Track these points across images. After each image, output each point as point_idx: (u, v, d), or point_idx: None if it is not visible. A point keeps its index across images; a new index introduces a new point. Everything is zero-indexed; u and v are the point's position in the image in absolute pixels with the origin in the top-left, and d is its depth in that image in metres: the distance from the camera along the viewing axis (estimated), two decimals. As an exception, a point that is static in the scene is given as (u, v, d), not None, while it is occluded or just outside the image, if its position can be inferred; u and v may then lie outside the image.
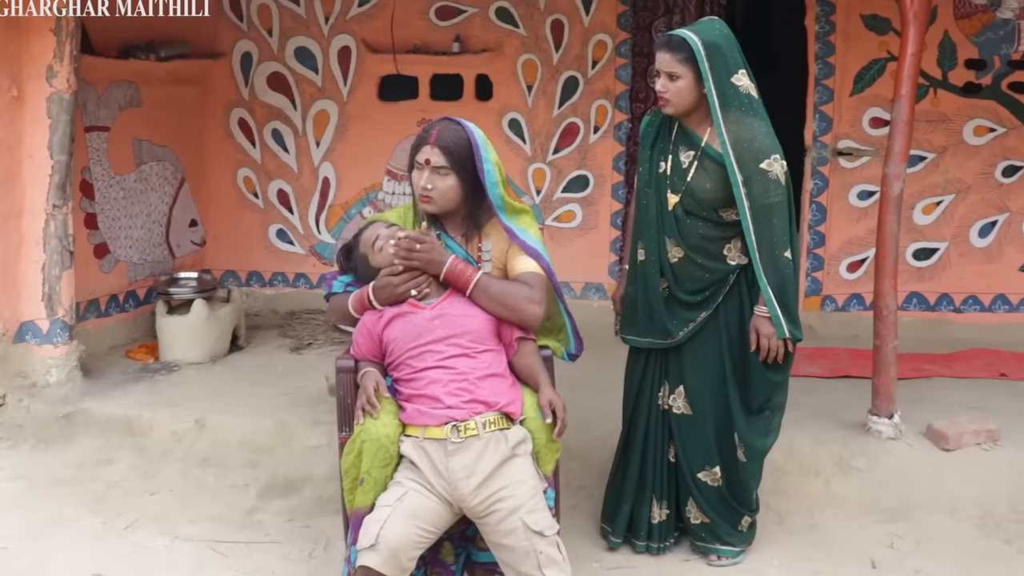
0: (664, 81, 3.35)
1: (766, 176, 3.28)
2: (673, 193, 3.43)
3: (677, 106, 3.36)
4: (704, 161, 3.39)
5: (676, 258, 3.45)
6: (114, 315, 5.71)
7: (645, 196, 3.50)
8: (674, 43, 3.32)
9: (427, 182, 3.14)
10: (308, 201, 6.54)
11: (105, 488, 4.18)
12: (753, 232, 3.30)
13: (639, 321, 3.56)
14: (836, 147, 6.02)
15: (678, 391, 3.54)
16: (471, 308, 3.08)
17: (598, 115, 6.23)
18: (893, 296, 4.22)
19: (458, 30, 6.26)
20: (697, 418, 3.51)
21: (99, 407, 4.68)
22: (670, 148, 3.46)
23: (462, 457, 2.90)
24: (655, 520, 3.61)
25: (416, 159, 3.17)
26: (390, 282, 3.08)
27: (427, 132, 3.16)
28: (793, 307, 3.38)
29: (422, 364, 3.01)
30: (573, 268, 6.08)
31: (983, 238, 6.07)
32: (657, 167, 3.47)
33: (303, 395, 4.88)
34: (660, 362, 3.57)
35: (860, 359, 5.35)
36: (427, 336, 3.03)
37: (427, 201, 3.16)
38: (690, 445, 3.54)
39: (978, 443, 4.19)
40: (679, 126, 3.46)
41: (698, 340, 3.48)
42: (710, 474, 3.54)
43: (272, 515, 3.99)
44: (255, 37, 6.43)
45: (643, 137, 3.57)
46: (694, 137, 3.42)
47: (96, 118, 5.47)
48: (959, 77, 5.93)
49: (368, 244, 3.17)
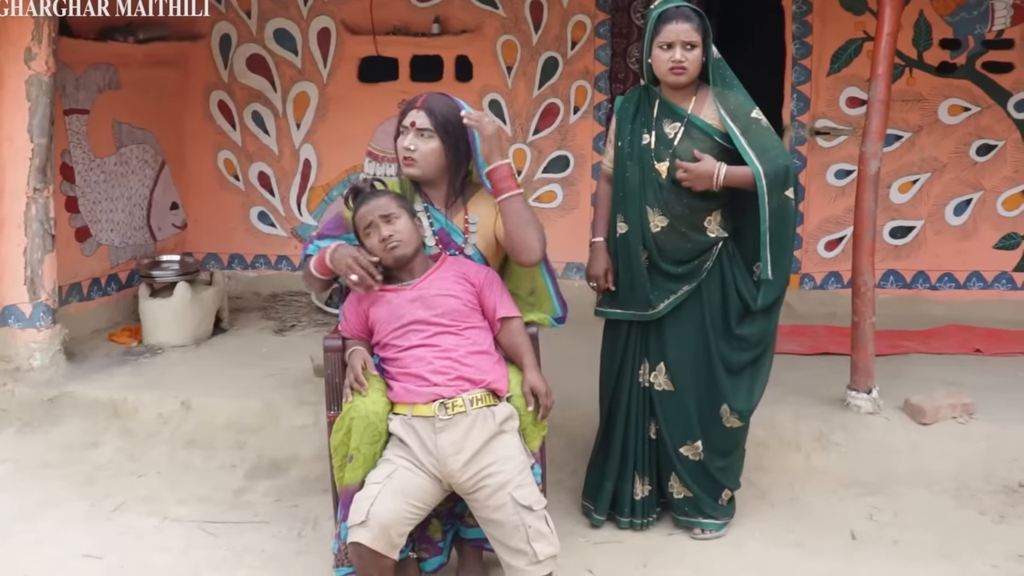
0: (682, 51, 3.35)
1: (759, 123, 3.39)
2: (659, 162, 3.46)
3: (692, 75, 3.39)
4: (691, 130, 3.44)
5: (659, 227, 3.47)
6: (96, 298, 5.70)
7: (627, 169, 3.51)
8: (686, 13, 3.37)
9: (410, 143, 3.14)
10: (289, 183, 6.54)
11: (92, 470, 4.19)
12: (762, 172, 3.32)
13: (619, 294, 3.58)
14: (813, 127, 6.07)
15: (659, 368, 3.57)
16: (450, 286, 3.10)
17: (578, 96, 6.26)
18: (871, 273, 4.28)
19: (438, 11, 6.26)
20: (678, 393, 3.56)
21: (84, 390, 4.68)
22: (653, 122, 3.49)
23: (450, 434, 2.93)
24: (638, 496, 3.66)
25: (403, 123, 3.18)
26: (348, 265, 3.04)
27: (415, 98, 3.21)
28: (787, 253, 3.47)
29: (407, 343, 3.04)
30: (555, 248, 5.86)
31: (958, 216, 6.16)
32: (640, 139, 3.50)
33: (288, 376, 4.89)
34: (640, 338, 3.60)
35: (838, 336, 5.42)
36: (408, 316, 3.06)
37: (409, 164, 3.16)
38: (672, 420, 3.58)
39: (954, 417, 4.26)
40: (660, 101, 3.50)
41: (680, 315, 3.52)
42: (691, 448, 3.59)
43: (260, 495, 4.01)
44: (234, 19, 6.40)
45: (621, 112, 3.58)
46: (678, 109, 3.47)
47: (75, 100, 5.44)
48: (934, 57, 5.99)
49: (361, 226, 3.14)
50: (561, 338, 5.05)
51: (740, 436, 3.65)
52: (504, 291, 3.21)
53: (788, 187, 3.39)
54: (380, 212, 3.07)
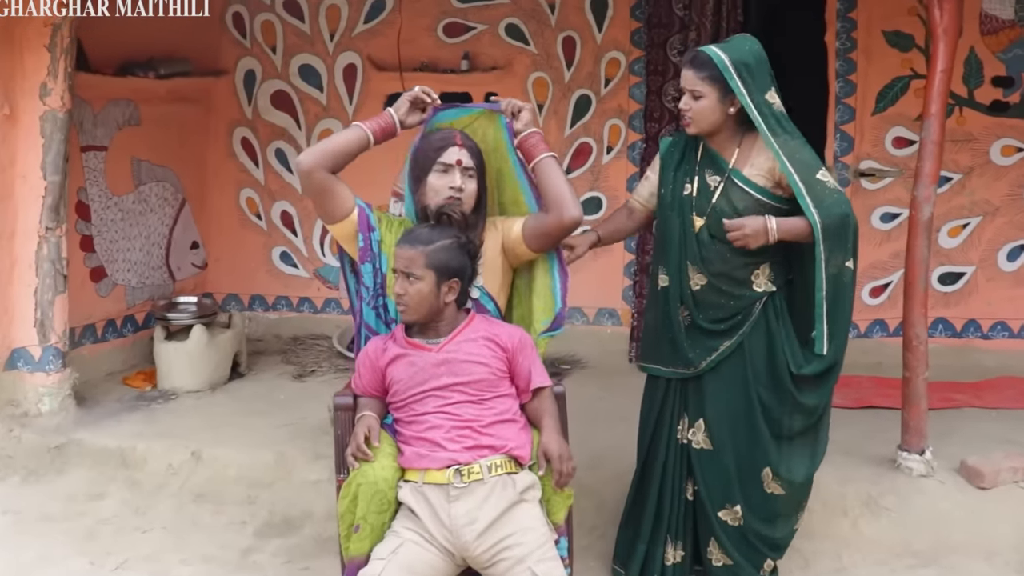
0: (687, 99, 3.22)
1: (825, 185, 3.12)
2: (699, 216, 3.26)
3: (699, 125, 3.22)
4: (730, 186, 3.22)
5: (698, 285, 3.28)
6: (111, 340, 5.53)
7: (668, 220, 3.33)
8: (699, 60, 3.19)
9: (461, 183, 3.02)
10: (312, 223, 6.37)
11: (95, 524, 4.00)
12: (822, 236, 3.08)
13: (660, 349, 3.39)
14: (858, 168, 5.83)
15: (697, 424, 3.34)
16: (479, 351, 2.87)
17: (611, 135, 6.06)
18: (923, 325, 4.03)
19: (467, 47, 6.11)
20: (717, 453, 3.32)
21: (92, 438, 4.50)
22: (696, 170, 3.30)
23: (465, 503, 2.71)
24: (669, 562, 3.41)
25: (441, 160, 3.03)
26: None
27: (447, 134, 3.08)
28: (843, 328, 3.23)
29: (424, 408, 2.83)
30: (586, 293, 5.87)
31: (1012, 262, 5.87)
32: (682, 189, 3.31)
33: (305, 426, 4.69)
34: (680, 394, 3.39)
35: (885, 388, 5.16)
36: (431, 382, 2.84)
37: (457, 203, 3.02)
38: (711, 482, 3.34)
39: (1015, 480, 3.98)
40: (704, 148, 3.30)
41: (721, 371, 3.30)
42: (730, 513, 3.33)
43: (269, 555, 3.79)
44: (258, 54, 6.28)
45: (665, 157, 3.41)
46: (720, 160, 3.26)
47: (93, 137, 5.31)
48: (986, 95, 5.75)
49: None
50: (590, 389, 4.84)
51: (785, 505, 3.36)
52: (537, 356, 2.99)
53: (847, 245, 3.14)
54: (402, 267, 2.88)
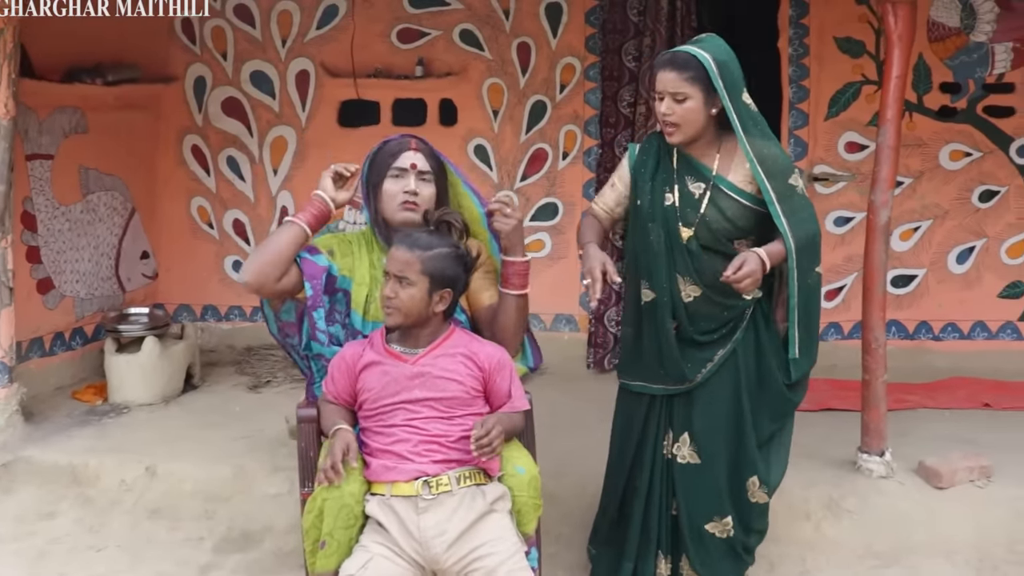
0: (669, 103, 3.04)
1: (795, 192, 3.10)
2: (686, 226, 3.14)
3: (685, 131, 3.07)
4: (716, 193, 3.13)
5: (691, 297, 3.17)
6: (59, 354, 5.40)
7: (649, 231, 3.18)
8: (680, 60, 3.03)
9: (415, 187, 2.94)
10: (265, 231, 6.27)
11: (46, 544, 3.89)
12: (794, 247, 3.06)
13: (647, 366, 3.26)
14: (812, 172, 5.88)
15: (683, 439, 3.25)
16: (456, 367, 2.81)
17: (567, 140, 6.05)
18: (882, 328, 4.05)
19: (421, 53, 6.06)
20: (705, 466, 3.23)
21: (41, 454, 4.38)
22: (675, 178, 3.17)
23: (434, 514, 2.66)
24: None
25: (396, 165, 2.97)
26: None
27: (401, 140, 3.02)
28: (814, 330, 3.22)
29: (392, 420, 2.77)
30: (543, 299, 5.85)
31: (961, 264, 5.97)
32: (662, 199, 3.17)
33: (262, 438, 4.60)
34: (665, 407, 3.29)
35: (841, 390, 5.20)
36: (403, 394, 2.77)
37: (412, 208, 2.95)
38: (697, 496, 3.25)
39: (972, 480, 4.03)
40: (679, 155, 3.18)
41: (712, 382, 3.22)
42: (719, 525, 3.26)
43: (229, 572, 3.72)
44: (209, 61, 6.19)
45: (637, 166, 3.24)
46: (701, 167, 3.15)
47: (38, 145, 5.18)
48: (934, 101, 5.84)
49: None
50: (550, 395, 4.80)
51: (763, 512, 3.33)
52: (516, 377, 2.91)
53: (817, 259, 3.15)
54: (395, 270, 2.79)
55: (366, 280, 3.02)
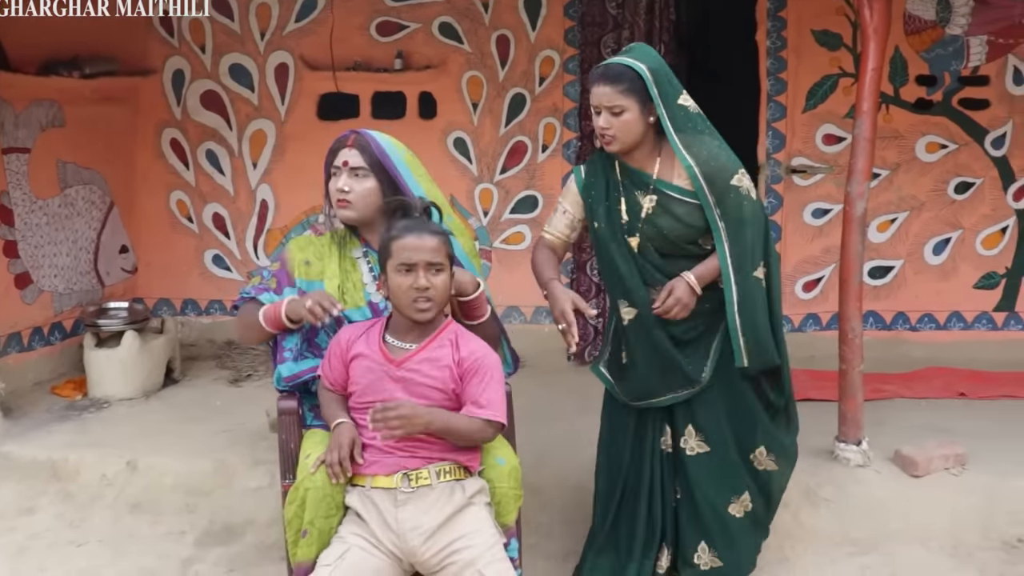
0: (607, 117, 3.03)
1: (738, 192, 3.08)
2: (631, 236, 3.14)
3: (624, 142, 3.06)
4: (664, 199, 3.11)
5: None
6: (38, 349, 5.37)
7: (612, 252, 3.17)
8: (613, 73, 3.01)
9: (344, 184, 2.96)
10: (245, 225, 6.27)
11: (26, 540, 3.88)
12: (728, 252, 3.07)
13: (649, 383, 3.23)
14: (790, 164, 5.92)
15: (688, 431, 3.26)
16: (438, 375, 2.76)
17: (546, 133, 6.06)
18: (859, 319, 4.08)
19: (400, 46, 6.05)
20: (715, 452, 3.25)
21: (20, 450, 4.36)
22: (622, 192, 3.16)
23: (413, 507, 2.67)
24: (661, 570, 3.35)
25: (334, 164, 3.00)
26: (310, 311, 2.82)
27: (342, 138, 3.03)
28: (763, 333, 3.20)
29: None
30: (523, 292, 5.86)
31: (937, 255, 6.02)
32: (619, 216, 3.16)
33: (243, 431, 4.60)
34: (660, 410, 3.29)
35: (819, 380, 5.24)
36: (384, 394, 2.75)
37: (345, 206, 2.97)
38: (711, 481, 3.26)
39: (947, 468, 4.07)
40: (621, 166, 3.16)
41: (713, 376, 3.22)
42: (739, 504, 3.29)
43: (211, 565, 3.72)
44: (187, 53, 6.16)
45: (588, 188, 3.22)
46: (642, 176, 3.13)
47: (15, 139, 5.15)
48: (910, 93, 5.88)
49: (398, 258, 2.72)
50: (530, 387, 4.81)
51: (780, 478, 3.38)
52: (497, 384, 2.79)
53: (757, 260, 3.12)
54: (428, 258, 2.69)
55: (336, 274, 3.04)
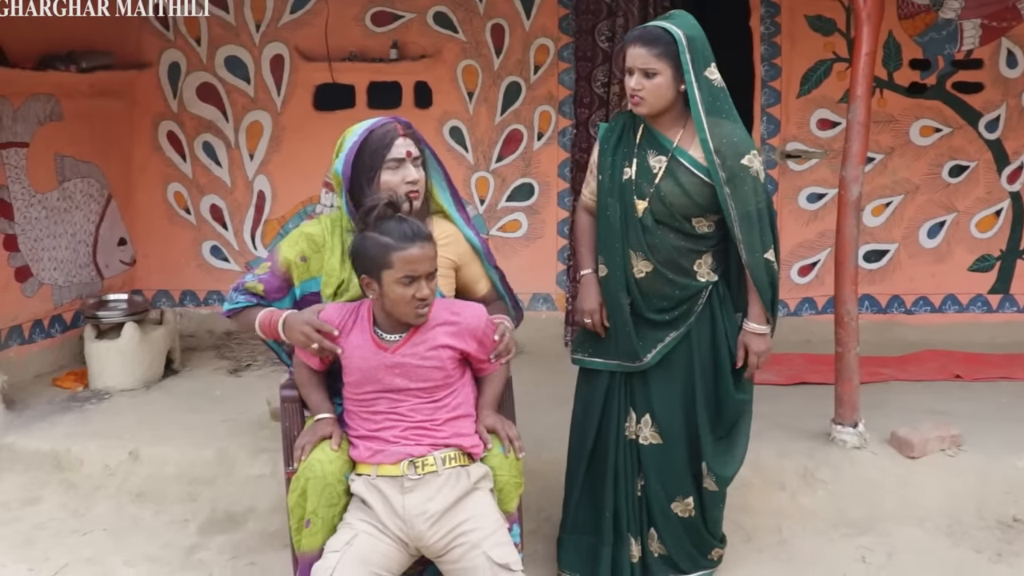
0: (639, 79, 3.04)
1: (747, 173, 3.06)
2: (640, 199, 3.13)
3: (653, 105, 3.07)
4: (675, 166, 3.11)
5: (643, 273, 3.16)
6: (39, 341, 5.40)
7: (608, 206, 3.18)
8: (651, 36, 3.03)
9: (415, 175, 2.91)
10: (243, 216, 6.29)
11: (31, 530, 3.91)
12: (741, 237, 3.09)
13: (602, 341, 3.27)
14: (784, 150, 5.94)
15: (644, 420, 3.27)
16: (435, 352, 2.77)
17: (541, 121, 6.08)
18: (854, 302, 4.11)
19: (395, 36, 6.07)
20: (667, 447, 3.26)
21: (24, 441, 4.39)
22: (635, 152, 3.16)
23: (419, 494, 2.70)
24: (635, 559, 3.34)
25: (392, 156, 2.89)
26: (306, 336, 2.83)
27: (387, 127, 2.92)
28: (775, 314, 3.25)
29: (375, 408, 2.79)
30: (520, 279, 5.76)
31: (932, 239, 6.04)
32: (621, 174, 3.16)
33: (244, 420, 4.63)
34: (625, 388, 3.29)
35: (816, 364, 5.29)
36: (383, 383, 2.77)
37: (417, 196, 2.92)
38: (662, 475, 3.28)
39: (942, 449, 4.10)
40: (645, 128, 3.17)
41: (668, 363, 3.22)
42: (681, 505, 3.32)
43: (215, 552, 3.75)
44: (182, 46, 6.17)
45: (603, 142, 3.24)
46: (664, 140, 3.14)
47: (13, 133, 5.16)
48: (904, 77, 5.89)
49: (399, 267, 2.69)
50: (528, 374, 4.86)
51: (715, 500, 3.37)
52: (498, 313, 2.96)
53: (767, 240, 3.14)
54: (430, 268, 2.70)
55: (337, 270, 2.98)
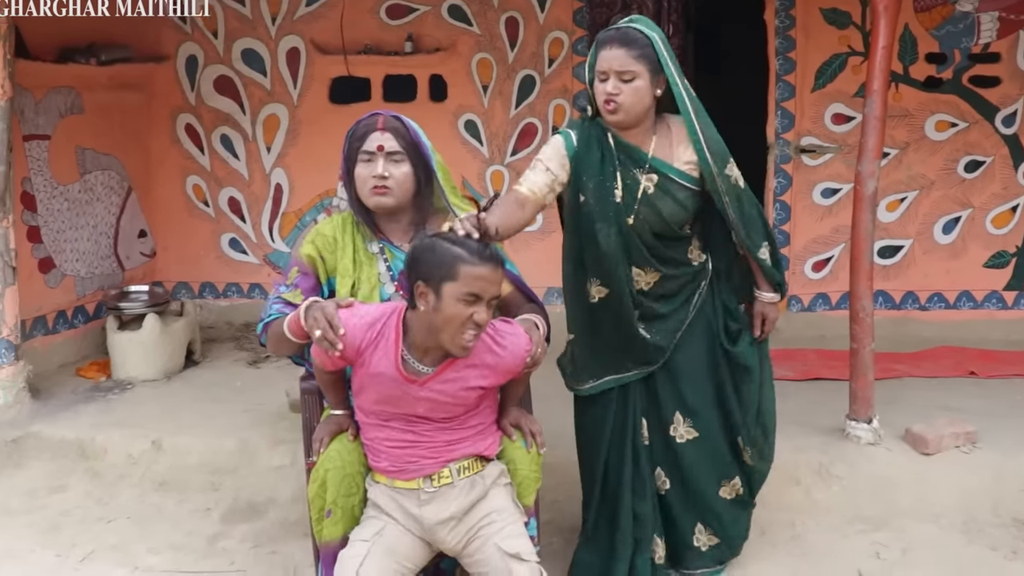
0: (615, 83, 2.87)
1: (728, 180, 3.04)
2: (633, 218, 3.02)
3: (630, 112, 2.91)
4: (665, 182, 3.01)
5: (650, 283, 3.12)
6: (62, 332, 5.46)
7: (599, 231, 3.02)
8: (627, 37, 2.87)
9: (383, 170, 2.82)
10: (260, 209, 6.34)
11: (58, 516, 3.97)
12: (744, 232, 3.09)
13: (612, 361, 3.18)
14: (799, 144, 5.95)
15: (676, 418, 3.23)
16: (466, 395, 2.68)
17: (556, 114, 6.10)
18: (869, 298, 4.13)
19: (410, 29, 6.10)
20: (704, 437, 3.23)
21: (49, 430, 4.46)
22: (618, 168, 3.02)
23: (435, 505, 2.72)
24: (660, 560, 3.32)
25: (364, 148, 2.85)
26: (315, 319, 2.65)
27: (369, 120, 2.89)
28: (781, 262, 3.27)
29: (393, 423, 2.73)
30: (535, 273, 5.75)
31: (947, 234, 6.04)
32: (611, 195, 3.01)
33: (264, 411, 4.69)
34: (642, 396, 3.23)
35: (830, 360, 5.30)
36: (405, 408, 2.69)
37: (383, 192, 2.83)
38: (703, 467, 3.25)
39: (957, 446, 4.12)
40: (617, 143, 3.01)
41: (687, 351, 3.19)
42: (729, 488, 3.30)
43: (237, 541, 3.80)
44: (200, 39, 6.21)
45: (582, 155, 3.01)
46: (638, 153, 3.01)
47: (35, 126, 5.22)
48: (920, 71, 5.89)
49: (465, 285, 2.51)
50: (542, 368, 4.88)
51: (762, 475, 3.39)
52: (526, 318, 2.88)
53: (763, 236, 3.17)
54: (494, 293, 2.54)
55: (350, 270, 2.94)
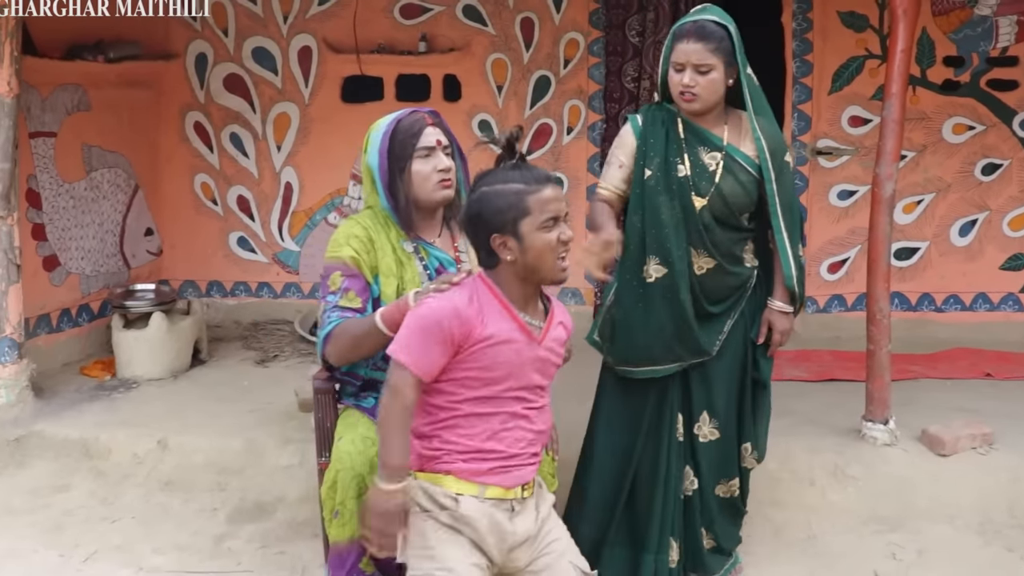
0: (692, 75, 2.98)
1: (788, 168, 3.11)
2: (699, 197, 3.07)
3: (706, 102, 3.02)
4: (731, 164, 3.08)
5: (704, 269, 3.12)
6: (67, 330, 5.42)
7: (660, 205, 3.06)
8: (706, 31, 2.97)
9: (446, 164, 2.86)
10: (270, 207, 6.30)
11: (61, 516, 3.92)
12: (784, 229, 3.12)
13: (656, 347, 3.13)
14: (815, 146, 5.90)
15: (703, 418, 3.22)
16: (560, 348, 2.53)
17: (571, 115, 6.06)
18: (886, 299, 4.09)
19: (424, 28, 6.06)
20: (724, 439, 3.24)
21: (53, 429, 4.40)
22: (684, 148, 3.10)
23: (523, 517, 2.46)
24: (672, 564, 3.26)
25: (422, 145, 2.84)
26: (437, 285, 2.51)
27: (415, 117, 2.88)
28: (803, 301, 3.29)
29: (505, 408, 2.41)
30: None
31: (963, 237, 5.99)
32: (675, 170, 3.08)
33: (272, 411, 4.63)
34: (680, 390, 3.21)
35: (845, 361, 5.26)
36: (525, 380, 2.42)
37: (450, 185, 2.87)
38: (714, 465, 3.26)
39: (974, 447, 4.08)
40: (687, 125, 3.11)
41: (724, 355, 3.19)
42: (725, 487, 3.30)
43: (244, 541, 3.75)
44: (210, 37, 6.18)
45: (647, 136, 3.11)
46: (712, 137, 3.10)
47: (41, 123, 5.18)
48: (938, 75, 5.84)
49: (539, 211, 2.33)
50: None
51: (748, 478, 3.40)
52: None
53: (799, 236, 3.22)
54: (566, 209, 2.38)
55: (394, 270, 2.87)
